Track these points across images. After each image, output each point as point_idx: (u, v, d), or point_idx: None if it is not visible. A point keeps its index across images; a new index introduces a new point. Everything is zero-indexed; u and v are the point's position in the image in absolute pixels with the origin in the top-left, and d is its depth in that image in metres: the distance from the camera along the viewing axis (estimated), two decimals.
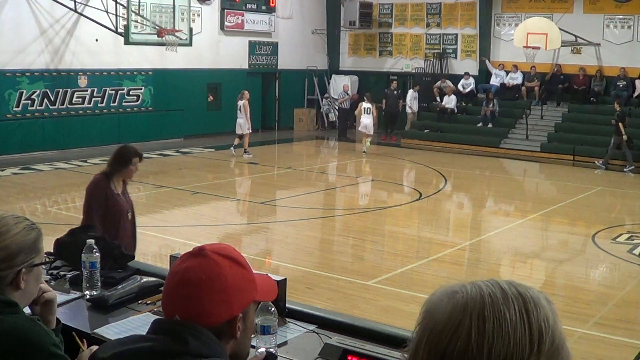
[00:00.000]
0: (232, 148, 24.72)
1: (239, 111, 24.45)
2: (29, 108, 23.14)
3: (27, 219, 3.04)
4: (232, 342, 2.38)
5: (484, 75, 30.29)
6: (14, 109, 22.83)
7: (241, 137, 24.66)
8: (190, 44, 25.49)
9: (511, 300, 1.44)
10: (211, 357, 2.23)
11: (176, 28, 24.56)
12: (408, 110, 29.90)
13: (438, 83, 30.37)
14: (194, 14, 27.08)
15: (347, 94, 30.22)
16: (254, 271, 2.45)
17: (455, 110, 29.37)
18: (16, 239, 2.90)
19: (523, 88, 28.95)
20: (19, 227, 2.93)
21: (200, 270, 2.32)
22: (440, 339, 1.41)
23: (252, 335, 2.63)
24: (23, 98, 22.97)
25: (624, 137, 23.69)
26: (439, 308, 1.45)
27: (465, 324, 1.40)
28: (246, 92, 24.94)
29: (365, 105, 25.94)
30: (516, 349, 1.39)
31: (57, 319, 3.28)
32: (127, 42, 23.89)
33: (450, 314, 1.42)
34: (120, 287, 4.25)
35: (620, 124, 23.69)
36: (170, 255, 4.32)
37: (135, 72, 26.49)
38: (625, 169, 23.98)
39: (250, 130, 24.96)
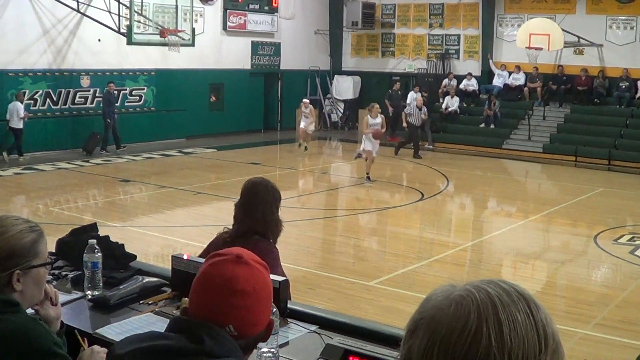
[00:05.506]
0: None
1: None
2: (32, 108, 23.10)
3: (30, 221, 3.02)
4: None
5: (486, 76, 30.28)
6: None
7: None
8: (192, 44, 25.51)
9: (517, 301, 1.44)
10: (226, 357, 2.24)
11: (179, 28, 24.59)
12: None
13: (445, 81, 30.35)
14: (196, 15, 27.07)
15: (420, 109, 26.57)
16: None
17: (458, 111, 29.37)
18: (11, 241, 2.89)
19: (525, 89, 28.96)
20: (16, 229, 2.92)
21: (250, 279, 2.34)
22: (456, 346, 1.39)
23: None
24: (25, 98, 22.91)
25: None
26: (447, 314, 1.43)
27: (483, 330, 1.39)
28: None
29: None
30: (529, 350, 1.40)
31: (61, 321, 3.28)
32: (130, 42, 23.94)
33: (465, 319, 1.41)
34: (122, 287, 4.25)
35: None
36: (172, 256, 4.31)
37: (137, 73, 26.51)
38: (426, 145, 27.67)
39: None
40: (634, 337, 9.42)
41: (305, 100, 26.72)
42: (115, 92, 24.89)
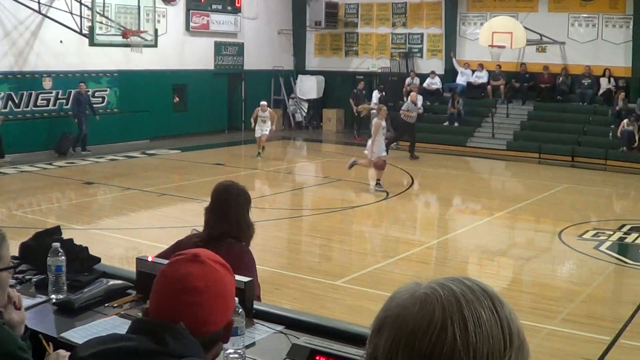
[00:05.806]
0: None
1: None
2: None
3: None
4: (219, 345, 2.44)
5: (450, 74, 30.40)
6: None
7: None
8: (155, 45, 25.40)
9: (481, 298, 1.45)
10: (189, 357, 2.24)
11: (141, 29, 24.47)
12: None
13: (408, 80, 30.44)
14: (159, 15, 26.97)
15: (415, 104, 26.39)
16: None
17: (422, 110, 29.44)
18: None
19: (489, 87, 29.11)
20: None
21: (203, 277, 2.36)
22: (421, 344, 1.39)
23: None
24: None
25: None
26: (411, 312, 1.43)
27: (448, 327, 1.39)
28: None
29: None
30: (495, 347, 1.40)
31: (25, 326, 3.25)
32: (92, 43, 23.79)
33: (429, 317, 1.41)
34: (86, 290, 4.22)
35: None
36: (137, 258, 4.29)
37: (100, 74, 26.31)
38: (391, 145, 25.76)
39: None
40: (599, 331, 9.49)
41: (263, 103, 25.00)
42: (85, 92, 24.80)
